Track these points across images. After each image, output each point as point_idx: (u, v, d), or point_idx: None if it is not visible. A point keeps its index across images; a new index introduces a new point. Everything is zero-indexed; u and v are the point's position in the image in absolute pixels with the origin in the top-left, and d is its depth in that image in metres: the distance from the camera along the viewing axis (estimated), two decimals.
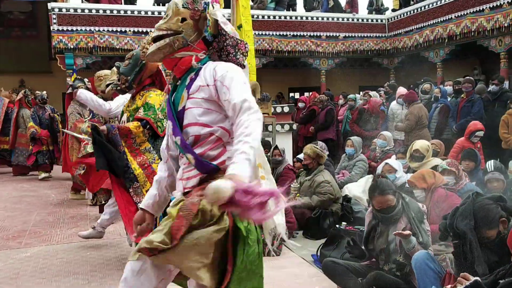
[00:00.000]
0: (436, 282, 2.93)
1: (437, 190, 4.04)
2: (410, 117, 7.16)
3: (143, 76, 3.87)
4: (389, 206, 3.28)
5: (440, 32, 12.23)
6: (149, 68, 3.88)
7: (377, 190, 3.29)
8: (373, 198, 3.34)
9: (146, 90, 3.85)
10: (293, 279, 3.88)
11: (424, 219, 3.35)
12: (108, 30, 11.88)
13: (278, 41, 13.54)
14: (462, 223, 2.71)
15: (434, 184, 4.05)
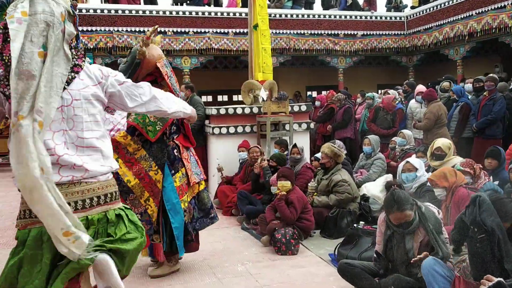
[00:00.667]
0: (446, 286, 2.90)
1: (458, 190, 4.01)
2: (429, 116, 7.07)
3: (140, 75, 3.69)
4: (407, 221, 3.22)
5: (460, 29, 12.04)
6: (145, 66, 3.71)
7: (395, 206, 3.17)
8: (390, 213, 3.23)
9: None
10: (310, 278, 3.87)
11: (442, 229, 3.28)
12: (127, 30, 12.00)
13: (296, 40, 13.50)
14: (489, 219, 2.68)
15: (455, 182, 4.04)
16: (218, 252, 4.60)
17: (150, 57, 3.69)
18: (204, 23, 12.71)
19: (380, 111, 8.05)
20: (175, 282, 3.83)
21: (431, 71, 15.38)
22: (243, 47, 12.60)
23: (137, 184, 3.56)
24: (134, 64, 3.65)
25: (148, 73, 3.74)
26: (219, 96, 16.59)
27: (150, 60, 3.69)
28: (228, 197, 6.19)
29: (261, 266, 4.17)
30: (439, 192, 4.10)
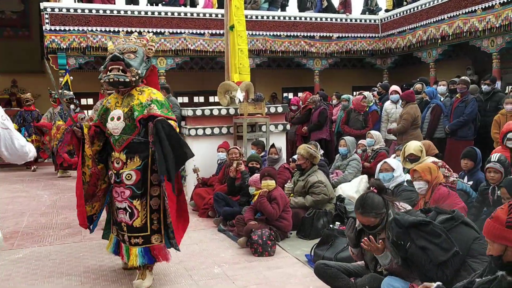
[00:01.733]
0: None
1: (438, 188, 4.07)
2: (406, 117, 7.17)
3: (147, 73, 3.82)
4: (370, 226, 3.25)
5: (433, 33, 12.29)
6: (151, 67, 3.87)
7: (360, 209, 3.22)
8: (356, 213, 3.30)
9: (141, 86, 3.75)
10: (287, 279, 3.88)
11: None
12: (101, 30, 11.83)
13: (272, 41, 13.54)
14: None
15: (436, 178, 4.12)
16: (195, 254, 4.57)
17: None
18: (180, 24, 12.63)
19: (352, 113, 8.15)
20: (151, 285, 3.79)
21: (405, 73, 15.64)
22: (219, 48, 12.58)
23: None
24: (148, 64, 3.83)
25: None
26: (195, 97, 16.51)
27: None
28: (204, 199, 6.16)
29: (237, 268, 4.16)
30: (420, 186, 4.12)
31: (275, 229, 4.76)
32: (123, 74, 3.57)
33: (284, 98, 15.91)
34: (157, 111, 3.54)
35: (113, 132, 3.67)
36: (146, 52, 3.77)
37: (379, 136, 6.94)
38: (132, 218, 3.64)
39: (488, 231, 2.26)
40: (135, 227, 3.64)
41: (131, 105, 3.63)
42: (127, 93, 3.71)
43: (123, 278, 3.97)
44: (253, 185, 5.26)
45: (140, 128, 3.63)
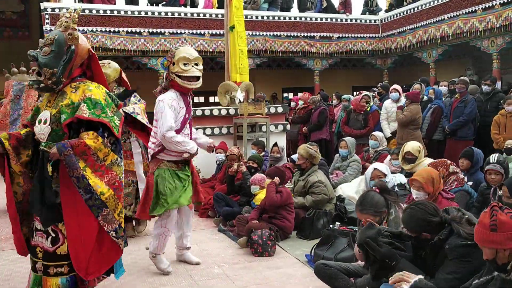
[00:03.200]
0: None
1: (440, 201, 3.76)
2: (406, 114, 7.17)
3: (74, 65, 3.02)
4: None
5: (433, 33, 12.29)
6: (80, 54, 3.02)
7: (359, 206, 3.25)
8: (356, 211, 3.32)
9: (78, 82, 3.05)
10: (287, 279, 3.88)
11: None
12: (101, 30, 11.84)
13: (272, 42, 13.55)
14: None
15: (438, 189, 3.83)
16: (195, 254, 4.57)
17: (81, 42, 3.01)
18: (180, 24, 12.63)
19: (352, 113, 8.16)
20: (150, 285, 3.79)
21: (405, 73, 15.65)
22: (220, 48, 12.58)
23: (111, 195, 2.94)
24: (68, 54, 2.94)
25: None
26: (195, 97, 16.51)
27: (82, 45, 3.02)
28: (205, 199, 6.16)
29: (237, 268, 4.17)
30: (419, 196, 3.76)
31: (276, 229, 4.76)
32: (38, 78, 2.93)
33: (284, 98, 15.93)
34: (86, 112, 2.88)
35: (39, 138, 2.99)
36: (67, 40, 2.94)
37: (383, 138, 6.94)
38: (55, 245, 2.95)
39: (476, 236, 2.30)
40: (58, 255, 2.95)
41: (60, 106, 2.96)
42: (60, 90, 3.03)
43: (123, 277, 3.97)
44: (257, 183, 5.26)
45: (70, 134, 2.95)
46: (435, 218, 2.80)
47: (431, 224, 2.78)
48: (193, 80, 4.04)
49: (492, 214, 2.22)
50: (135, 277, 3.96)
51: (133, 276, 3.98)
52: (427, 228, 2.78)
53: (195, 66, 4.03)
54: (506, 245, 2.17)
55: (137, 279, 3.92)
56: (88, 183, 2.85)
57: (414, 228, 2.82)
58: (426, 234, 2.78)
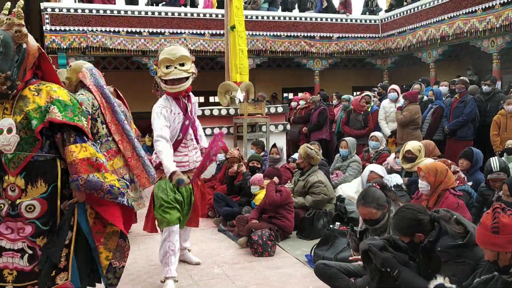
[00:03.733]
0: None
1: (446, 195, 3.76)
2: (405, 114, 7.17)
3: (27, 66, 2.73)
4: (372, 219, 3.26)
5: (433, 33, 12.29)
6: (31, 52, 2.73)
7: (362, 200, 3.26)
8: (358, 206, 3.32)
9: (36, 83, 2.78)
10: (287, 279, 3.88)
11: None
12: (101, 30, 11.83)
13: (272, 42, 13.54)
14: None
15: (442, 183, 3.79)
16: (195, 254, 4.57)
17: (30, 40, 2.74)
18: (180, 24, 12.63)
19: (352, 113, 8.16)
20: (150, 285, 3.79)
21: (405, 73, 15.64)
22: (220, 48, 12.58)
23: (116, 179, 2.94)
24: (21, 52, 2.66)
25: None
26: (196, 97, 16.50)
27: (32, 42, 2.74)
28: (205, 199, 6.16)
29: (238, 268, 4.17)
30: (422, 186, 3.82)
31: (276, 229, 4.76)
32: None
33: (285, 98, 15.93)
34: (58, 115, 2.65)
35: (3, 150, 2.66)
36: (15, 38, 2.63)
37: (382, 138, 6.94)
38: (33, 263, 2.69)
39: (478, 238, 2.28)
40: (34, 272, 2.70)
41: (26, 111, 2.67)
42: (17, 95, 2.71)
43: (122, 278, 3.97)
44: (257, 183, 5.26)
45: (43, 141, 2.71)
46: (425, 216, 2.78)
47: (422, 223, 2.76)
48: (176, 83, 3.76)
49: (494, 216, 2.20)
50: (134, 277, 3.96)
51: (132, 276, 3.99)
52: (418, 228, 2.76)
53: (180, 66, 3.77)
54: (507, 248, 2.15)
55: (136, 279, 3.92)
56: (116, 187, 2.80)
57: (406, 230, 2.79)
58: (420, 234, 2.75)
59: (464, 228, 2.69)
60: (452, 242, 2.63)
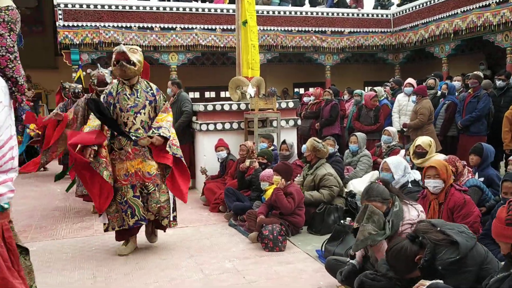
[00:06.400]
0: None
1: (452, 192, 3.76)
2: (423, 111, 7.10)
3: None
4: None
5: (445, 27, 12.16)
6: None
7: (366, 196, 3.25)
8: (362, 202, 3.32)
9: None
10: (298, 274, 3.89)
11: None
12: (113, 25, 11.89)
13: (283, 37, 13.50)
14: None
15: (449, 178, 3.81)
16: (206, 248, 4.60)
17: None
18: (192, 19, 12.65)
19: (363, 109, 8.12)
20: (162, 279, 3.83)
21: (417, 68, 15.52)
22: (231, 43, 12.58)
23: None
24: None
25: None
26: (207, 93, 16.54)
27: None
28: (215, 194, 6.18)
29: (248, 263, 4.18)
30: (437, 184, 3.74)
31: (287, 224, 4.76)
32: None
33: (295, 93, 15.89)
34: None
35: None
36: None
37: (395, 133, 6.89)
38: None
39: (493, 231, 2.29)
40: None
41: None
42: None
43: (135, 271, 4.01)
44: (266, 180, 5.26)
45: None
46: (408, 246, 2.76)
47: (412, 252, 2.74)
48: None
49: (509, 209, 2.20)
50: (146, 271, 4.00)
51: (144, 270, 4.02)
52: (413, 258, 2.74)
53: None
54: None
55: (148, 273, 3.96)
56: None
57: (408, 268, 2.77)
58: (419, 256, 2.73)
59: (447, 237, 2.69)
60: (450, 258, 2.63)
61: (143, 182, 4.28)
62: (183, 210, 6.13)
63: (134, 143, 4.27)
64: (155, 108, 4.42)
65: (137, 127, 4.31)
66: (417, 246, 2.75)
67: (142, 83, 4.43)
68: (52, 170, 10.04)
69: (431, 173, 3.79)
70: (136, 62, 4.22)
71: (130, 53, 4.18)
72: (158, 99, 4.44)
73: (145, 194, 4.29)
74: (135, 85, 4.35)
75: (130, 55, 4.16)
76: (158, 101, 4.43)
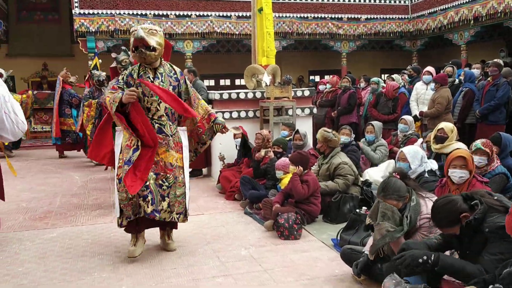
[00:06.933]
0: None
1: (473, 184, 3.69)
2: (441, 101, 7.02)
3: None
4: None
5: (465, 14, 11.94)
6: None
7: (382, 193, 3.21)
8: (378, 198, 3.29)
9: None
10: (313, 262, 3.91)
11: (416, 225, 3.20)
12: (128, 13, 11.93)
13: (299, 24, 13.41)
14: None
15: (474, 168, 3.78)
16: (222, 236, 4.65)
17: None
18: (207, 6, 12.62)
19: (382, 97, 8.04)
20: (179, 266, 3.88)
21: (435, 55, 15.30)
22: (246, 30, 12.54)
23: None
24: None
25: None
26: (222, 80, 16.56)
27: None
28: (231, 182, 6.22)
29: (264, 251, 4.22)
30: (463, 175, 3.68)
31: (303, 213, 4.78)
32: None
33: (311, 81, 15.81)
34: None
35: None
36: None
37: (412, 122, 6.83)
38: None
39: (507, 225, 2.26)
40: None
41: None
42: None
43: (153, 258, 4.07)
44: (281, 169, 5.27)
45: None
46: (457, 200, 2.72)
47: (459, 208, 2.69)
48: None
49: None
50: (163, 257, 4.06)
51: (161, 256, 4.08)
52: (458, 214, 2.69)
53: None
54: None
55: (165, 259, 4.02)
56: None
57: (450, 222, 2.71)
58: (465, 215, 2.66)
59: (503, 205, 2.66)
60: (500, 222, 2.56)
61: (165, 174, 3.99)
62: (199, 197, 6.19)
63: (159, 131, 3.99)
64: (179, 94, 4.14)
65: (161, 113, 4.02)
66: (467, 205, 2.70)
67: (166, 66, 4.15)
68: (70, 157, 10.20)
69: (458, 163, 3.71)
70: (156, 47, 3.90)
71: (149, 37, 3.87)
72: (182, 84, 4.18)
73: (166, 188, 3.98)
74: (158, 68, 4.06)
75: (149, 40, 3.85)
76: (181, 86, 4.17)
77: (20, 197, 6.46)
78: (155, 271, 3.78)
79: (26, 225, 5.10)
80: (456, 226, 2.71)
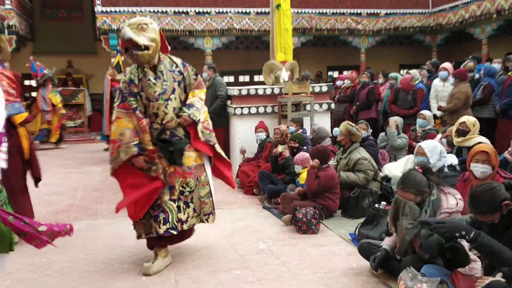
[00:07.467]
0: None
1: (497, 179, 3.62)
2: (459, 96, 6.94)
3: None
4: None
5: (487, 7, 11.74)
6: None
7: (401, 185, 3.18)
8: (397, 189, 3.27)
9: None
10: (331, 256, 3.93)
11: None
12: (149, 10, 12.06)
13: (317, 19, 13.36)
14: None
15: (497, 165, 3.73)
16: (240, 230, 4.70)
17: None
18: (226, 3, 12.67)
19: (400, 92, 7.99)
20: (198, 258, 3.95)
21: (455, 50, 15.08)
22: (265, 27, 12.55)
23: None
24: None
25: None
26: (241, 77, 16.61)
27: None
28: (250, 177, 6.27)
29: (282, 244, 4.26)
30: (485, 170, 3.65)
31: (321, 207, 4.80)
32: None
33: (329, 77, 15.75)
34: None
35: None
36: None
37: (431, 117, 6.78)
38: None
39: None
40: None
41: None
42: None
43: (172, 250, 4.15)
44: (300, 163, 5.30)
45: None
46: (500, 187, 2.65)
47: (501, 195, 2.62)
48: None
49: None
50: (183, 250, 4.13)
51: (181, 249, 4.16)
52: (500, 202, 2.61)
53: None
54: None
55: (185, 252, 4.09)
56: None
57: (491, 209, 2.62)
58: (506, 203, 2.60)
59: None
60: None
61: (184, 179, 3.66)
62: (218, 192, 6.22)
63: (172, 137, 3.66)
64: (185, 87, 3.75)
65: (170, 116, 3.63)
66: (509, 194, 2.63)
67: (165, 60, 3.71)
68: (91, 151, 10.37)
69: (481, 157, 3.68)
70: (148, 44, 3.46)
71: (139, 34, 3.43)
72: (187, 76, 3.75)
73: (188, 193, 3.69)
74: (158, 66, 3.63)
75: (138, 39, 3.41)
76: (187, 79, 3.75)
77: (42, 191, 6.61)
78: (174, 263, 3.86)
79: (49, 218, 5.23)
80: (497, 214, 2.62)
